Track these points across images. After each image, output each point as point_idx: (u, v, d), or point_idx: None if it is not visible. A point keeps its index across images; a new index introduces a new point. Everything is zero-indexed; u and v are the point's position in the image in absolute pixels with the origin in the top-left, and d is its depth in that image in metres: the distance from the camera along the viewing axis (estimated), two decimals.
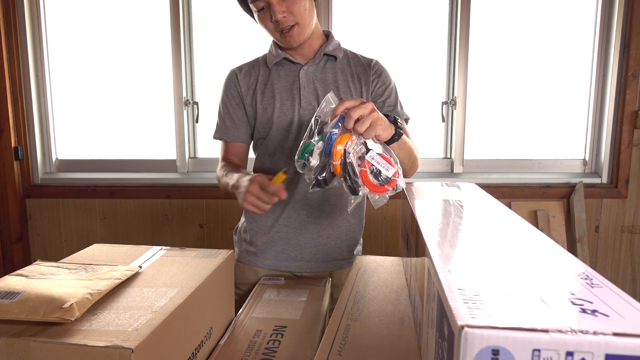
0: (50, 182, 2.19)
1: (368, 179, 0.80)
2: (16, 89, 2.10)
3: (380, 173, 0.80)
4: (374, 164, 0.80)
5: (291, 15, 1.05)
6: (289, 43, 1.11)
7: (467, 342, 0.34)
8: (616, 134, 2.03)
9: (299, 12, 1.05)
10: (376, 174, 0.80)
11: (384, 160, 0.80)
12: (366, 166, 0.80)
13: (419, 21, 2.09)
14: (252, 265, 1.23)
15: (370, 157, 0.80)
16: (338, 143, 0.79)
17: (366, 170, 0.80)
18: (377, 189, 0.81)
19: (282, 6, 1.04)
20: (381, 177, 0.80)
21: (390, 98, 1.19)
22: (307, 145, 0.81)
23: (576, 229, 2.04)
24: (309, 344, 0.79)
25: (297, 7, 1.05)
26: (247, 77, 1.20)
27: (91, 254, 0.84)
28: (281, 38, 1.10)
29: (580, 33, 2.07)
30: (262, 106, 1.17)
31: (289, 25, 1.07)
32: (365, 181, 0.80)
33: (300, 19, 1.07)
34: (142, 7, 2.15)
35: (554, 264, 0.49)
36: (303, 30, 1.09)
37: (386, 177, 0.80)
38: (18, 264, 2.17)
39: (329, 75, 1.17)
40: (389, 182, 0.80)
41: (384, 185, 0.80)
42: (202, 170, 2.20)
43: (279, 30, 1.08)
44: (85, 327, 0.55)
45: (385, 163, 0.80)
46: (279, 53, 1.17)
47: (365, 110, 0.80)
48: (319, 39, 1.18)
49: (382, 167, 0.80)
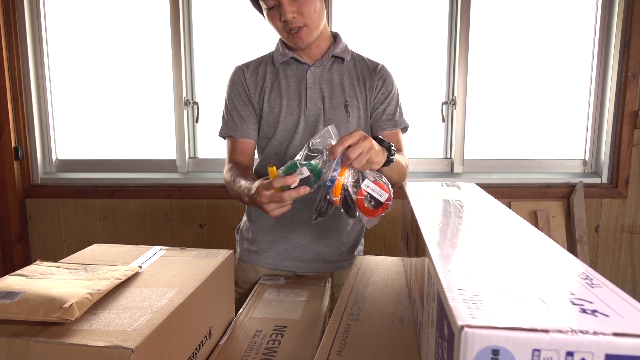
0: (50, 182, 2.19)
1: (364, 205, 0.86)
2: (16, 89, 2.10)
3: (373, 199, 0.86)
4: (369, 192, 0.86)
5: (301, 16, 1.05)
6: (297, 44, 1.10)
7: (467, 342, 0.34)
8: (616, 134, 2.03)
9: (309, 13, 1.05)
10: (370, 201, 0.86)
11: (377, 187, 0.86)
12: (362, 194, 0.85)
13: (419, 21, 2.09)
14: (253, 264, 1.23)
15: (366, 186, 0.86)
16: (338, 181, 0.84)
17: (362, 198, 0.85)
18: (371, 213, 0.87)
19: (293, 6, 1.03)
20: (375, 203, 0.86)
21: (390, 106, 1.20)
22: (291, 166, 0.86)
23: (576, 229, 2.04)
24: (309, 344, 0.79)
25: (308, 8, 1.04)
26: (254, 74, 1.19)
27: (91, 254, 0.84)
28: (289, 38, 1.10)
29: (580, 33, 2.07)
30: (269, 105, 1.17)
31: (298, 26, 1.06)
32: (361, 208, 0.86)
33: (310, 21, 1.06)
34: (142, 7, 2.15)
35: (554, 264, 0.49)
36: (312, 31, 1.09)
37: (379, 202, 0.86)
38: (18, 264, 2.17)
39: (335, 77, 1.17)
40: (382, 206, 0.86)
41: (378, 209, 0.86)
42: (202, 170, 2.20)
43: (288, 30, 1.07)
44: (85, 327, 0.55)
45: (379, 189, 0.86)
46: (286, 52, 1.16)
47: (363, 149, 0.83)
48: (327, 40, 1.18)
49: (376, 194, 0.86)
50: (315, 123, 1.15)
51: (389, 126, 1.19)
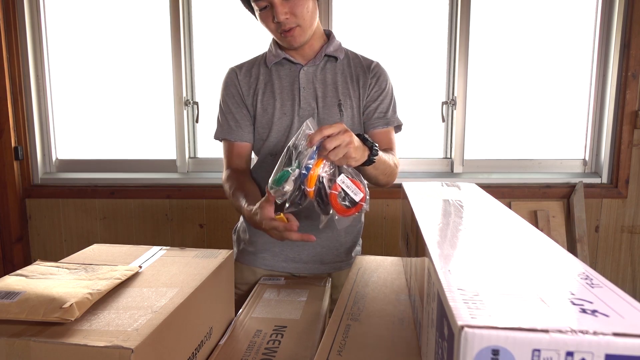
0: (50, 182, 2.19)
1: (336, 201, 0.83)
2: (16, 89, 2.10)
3: (347, 196, 0.83)
4: (343, 188, 0.83)
5: (294, 17, 1.04)
6: (290, 44, 1.10)
7: (467, 342, 0.34)
8: (616, 134, 2.03)
9: (302, 13, 1.05)
10: (344, 198, 0.83)
11: (353, 185, 0.83)
12: (336, 189, 0.82)
13: (419, 21, 2.09)
14: (250, 265, 1.23)
15: (341, 181, 0.83)
16: (313, 170, 0.82)
17: (336, 193, 0.82)
18: (343, 212, 0.84)
19: (285, 7, 1.03)
20: (349, 200, 0.83)
21: (383, 104, 1.17)
22: (283, 174, 0.84)
23: (576, 229, 2.04)
24: (309, 344, 0.79)
25: (300, 9, 1.04)
26: (247, 76, 1.19)
27: (91, 254, 0.84)
28: (282, 38, 1.09)
29: (580, 33, 2.07)
30: (262, 106, 1.17)
31: (291, 27, 1.06)
32: (334, 204, 0.83)
33: (302, 21, 1.06)
34: (142, 7, 2.15)
35: (554, 264, 0.49)
36: (305, 31, 1.08)
37: (353, 200, 0.83)
38: (18, 264, 2.17)
39: (328, 76, 1.16)
40: (356, 206, 0.83)
41: (351, 208, 0.83)
42: (202, 170, 2.20)
43: (281, 31, 1.07)
44: (85, 327, 0.55)
45: (354, 187, 0.83)
46: (279, 53, 1.16)
47: (341, 141, 0.81)
48: (320, 39, 1.17)
49: (350, 192, 0.83)
50: None
51: (380, 124, 1.17)
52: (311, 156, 0.82)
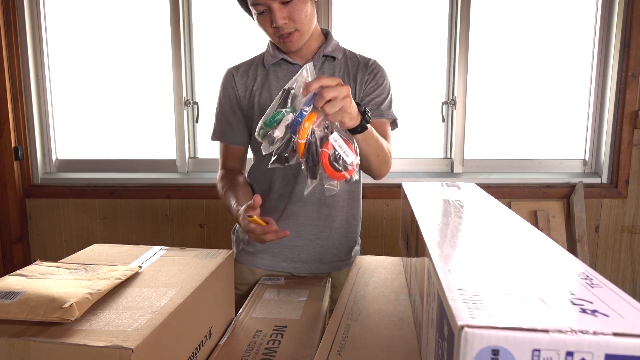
0: (50, 182, 2.19)
1: (327, 161, 0.77)
2: (16, 89, 2.10)
3: (339, 158, 0.77)
4: (335, 147, 0.77)
5: (292, 22, 1.04)
6: (289, 48, 1.10)
7: (467, 342, 0.34)
8: (616, 134, 2.03)
9: (300, 18, 1.04)
10: (336, 158, 0.77)
11: (345, 145, 0.78)
12: (327, 148, 0.77)
13: (419, 21, 2.09)
14: (250, 265, 1.23)
15: (334, 140, 0.77)
16: (307, 121, 0.76)
17: (327, 152, 0.77)
18: (333, 174, 0.78)
19: (283, 12, 1.02)
20: (340, 163, 0.78)
21: (378, 97, 1.16)
22: (276, 115, 0.78)
23: (576, 229, 2.04)
24: (309, 344, 0.79)
25: (299, 14, 1.03)
26: (244, 77, 1.19)
27: (91, 254, 0.84)
28: (280, 43, 1.10)
29: (580, 33, 2.07)
30: (259, 107, 1.17)
31: (289, 32, 1.06)
32: (324, 163, 0.77)
33: (301, 25, 1.06)
34: (142, 7, 2.15)
35: (554, 264, 0.49)
36: (303, 35, 1.08)
37: (344, 162, 0.78)
38: (18, 264, 2.17)
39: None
40: (347, 170, 0.78)
41: (341, 171, 0.78)
42: (202, 170, 2.20)
43: (279, 35, 1.07)
44: (85, 327, 0.55)
45: (346, 148, 0.78)
46: (276, 54, 1.16)
47: (339, 93, 0.78)
48: (317, 39, 1.17)
49: (342, 152, 0.78)
50: None
51: (374, 115, 1.14)
52: (307, 102, 0.76)
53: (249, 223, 0.93)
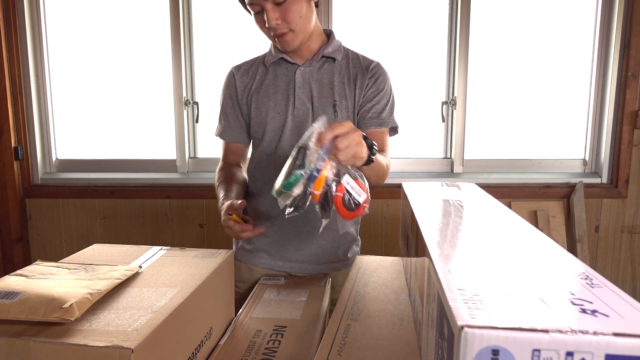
0: (50, 182, 2.19)
1: (341, 205, 0.79)
2: (16, 89, 2.10)
3: (351, 198, 0.79)
4: (348, 189, 0.79)
5: (285, 23, 1.04)
6: (284, 47, 1.11)
7: (467, 342, 0.34)
8: (616, 134, 2.03)
9: (293, 19, 1.04)
10: (348, 200, 0.79)
11: (357, 186, 0.80)
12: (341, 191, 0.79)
13: (419, 21, 2.09)
14: (248, 263, 1.23)
15: (346, 182, 0.79)
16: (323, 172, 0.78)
17: (341, 196, 0.79)
18: (347, 215, 0.80)
19: (276, 13, 1.03)
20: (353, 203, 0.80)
21: (379, 104, 1.15)
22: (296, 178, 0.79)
23: (576, 229, 2.04)
24: (309, 344, 0.79)
25: (292, 15, 1.03)
26: (244, 76, 1.20)
27: (91, 254, 0.84)
28: (276, 42, 1.11)
29: (580, 33, 2.07)
30: (257, 106, 1.17)
31: (282, 32, 1.06)
32: (338, 206, 0.79)
33: (295, 26, 1.05)
34: (142, 7, 2.15)
35: (553, 264, 0.49)
36: (297, 36, 1.08)
37: (357, 202, 0.80)
38: (18, 264, 2.17)
39: (325, 77, 1.15)
40: (359, 208, 0.80)
41: (354, 210, 0.80)
42: (202, 170, 2.20)
43: (274, 35, 1.07)
44: (85, 327, 0.55)
45: (358, 188, 0.80)
46: (276, 53, 1.17)
47: (351, 141, 0.79)
48: (318, 40, 1.17)
49: (355, 193, 0.80)
50: (303, 123, 1.14)
51: (374, 124, 1.15)
52: (322, 157, 0.77)
53: (228, 219, 0.99)
